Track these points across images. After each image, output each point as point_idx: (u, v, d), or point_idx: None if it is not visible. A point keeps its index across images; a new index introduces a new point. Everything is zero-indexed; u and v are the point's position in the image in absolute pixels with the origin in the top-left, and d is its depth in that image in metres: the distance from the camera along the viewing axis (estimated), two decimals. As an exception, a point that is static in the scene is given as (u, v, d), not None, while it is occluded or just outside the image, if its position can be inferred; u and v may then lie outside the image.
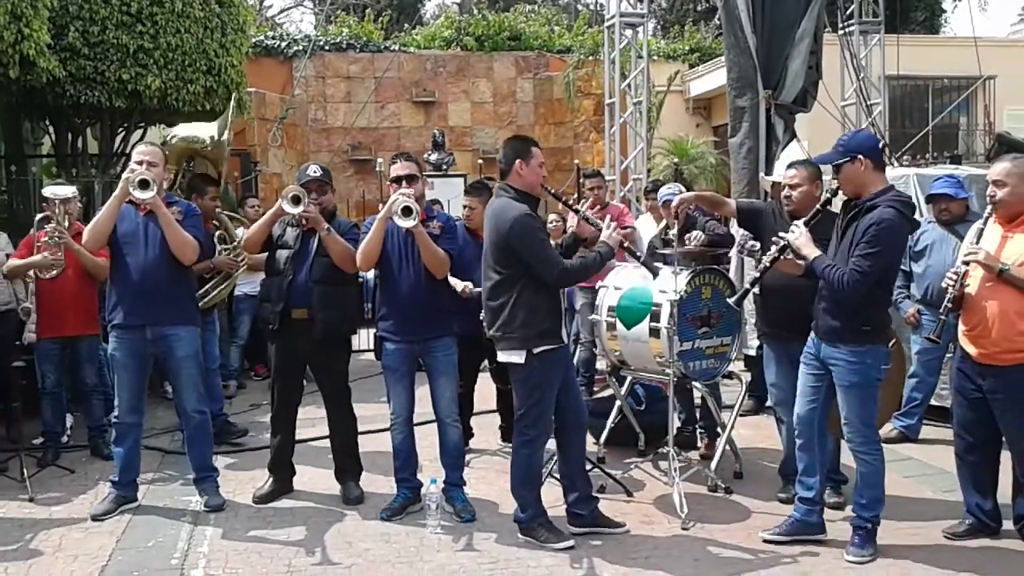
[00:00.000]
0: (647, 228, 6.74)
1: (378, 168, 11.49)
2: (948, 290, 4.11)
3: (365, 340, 5.31)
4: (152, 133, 9.31)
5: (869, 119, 11.27)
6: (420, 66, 15.64)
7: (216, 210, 6.32)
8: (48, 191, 5.73)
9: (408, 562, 4.17)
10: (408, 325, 4.66)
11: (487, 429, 6.16)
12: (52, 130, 9.17)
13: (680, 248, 4.94)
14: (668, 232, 5.64)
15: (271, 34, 15.74)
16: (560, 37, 16.67)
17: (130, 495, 4.92)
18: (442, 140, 13.62)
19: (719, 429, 5.47)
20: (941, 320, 4.17)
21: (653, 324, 4.94)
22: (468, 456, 5.43)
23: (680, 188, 6.02)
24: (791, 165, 4.80)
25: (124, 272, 4.73)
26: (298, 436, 5.25)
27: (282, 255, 4.88)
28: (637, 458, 5.64)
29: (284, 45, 15.12)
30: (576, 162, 8.12)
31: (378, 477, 5.22)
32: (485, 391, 6.06)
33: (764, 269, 4.23)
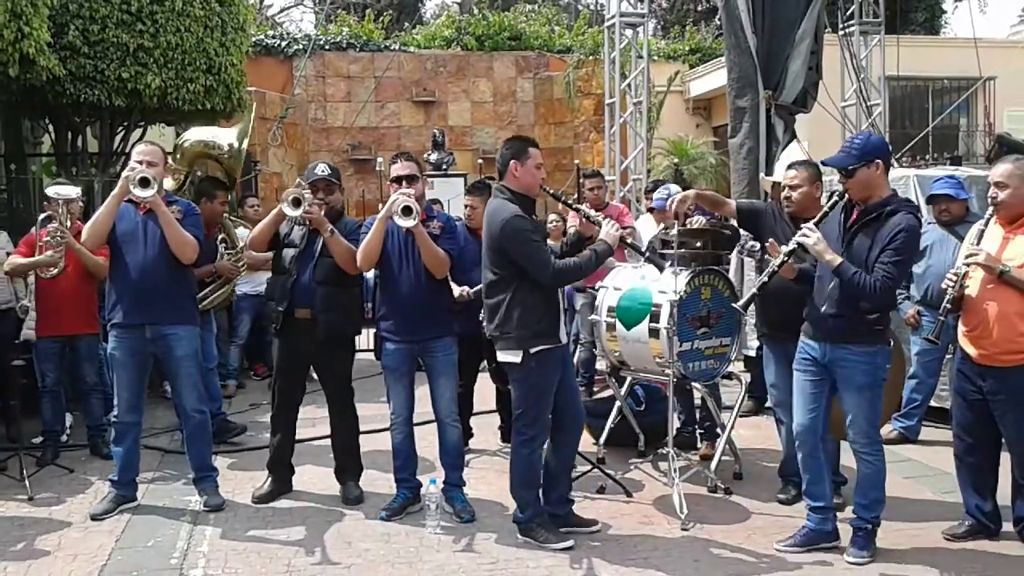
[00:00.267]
0: (647, 228, 6.74)
1: (378, 168, 11.48)
2: (948, 291, 4.11)
3: (365, 340, 5.32)
4: (152, 132, 9.31)
5: (869, 120, 11.28)
6: (420, 66, 15.65)
7: (223, 215, 6.30)
8: (51, 190, 5.72)
9: (408, 562, 4.16)
10: (408, 325, 4.65)
11: (487, 429, 6.16)
12: (52, 129, 9.16)
13: (682, 229, 4.91)
14: (668, 233, 5.64)
15: (271, 33, 15.74)
16: (560, 37, 16.68)
17: (129, 494, 4.91)
18: (442, 140, 13.63)
19: (719, 430, 5.46)
20: (940, 321, 4.17)
21: (653, 325, 4.93)
22: (468, 456, 5.43)
23: (675, 189, 6.01)
24: (791, 166, 4.79)
25: (123, 271, 4.73)
26: (298, 436, 5.25)
27: (288, 254, 4.88)
28: (637, 459, 5.63)
29: (284, 44, 15.13)
30: (576, 162, 8.12)
31: (378, 477, 5.22)
32: (485, 391, 6.06)
33: (772, 273, 4.14)
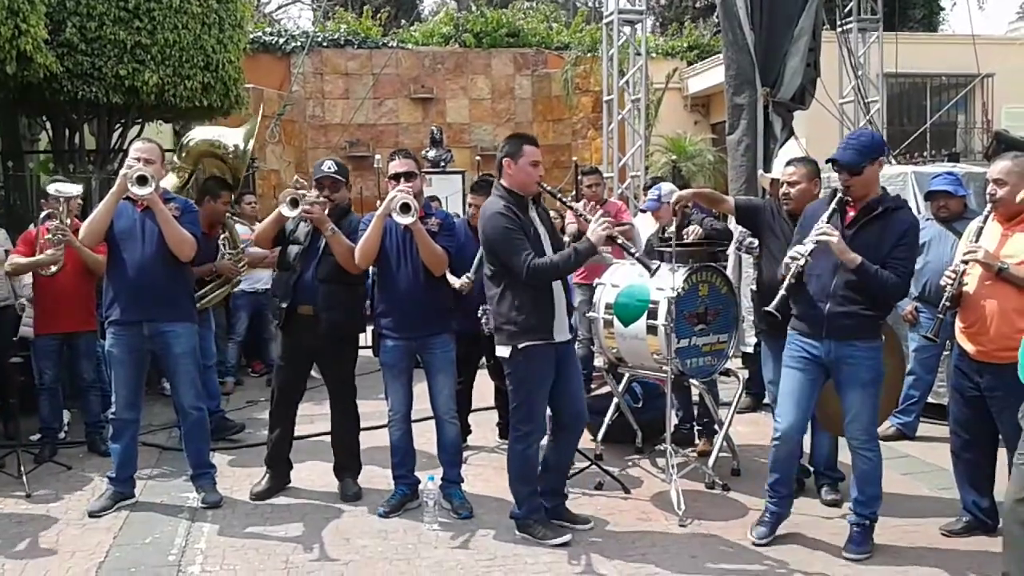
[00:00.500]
0: (646, 225, 6.74)
1: (376, 165, 11.49)
2: (946, 288, 4.10)
3: (363, 337, 5.33)
4: (149, 129, 9.30)
5: (867, 117, 11.28)
6: (418, 63, 15.63)
7: (226, 215, 6.29)
8: (52, 188, 5.71)
9: (406, 559, 4.17)
10: (406, 322, 4.66)
11: (485, 426, 6.17)
12: (49, 126, 9.15)
13: (678, 242, 4.92)
14: (665, 231, 5.65)
15: (269, 30, 15.70)
16: (558, 34, 16.66)
17: (127, 491, 4.92)
18: (440, 137, 13.62)
19: (716, 426, 5.47)
20: (939, 319, 4.17)
21: (650, 321, 4.94)
22: (466, 453, 5.43)
23: (665, 188, 5.99)
24: (790, 163, 4.79)
25: (121, 268, 4.73)
26: (296, 432, 5.24)
27: (292, 251, 4.90)
28: (635, 455, 5.64)
29: (282, 41, 15.10)
30: (574, 159, 8.15)
31: (376, 474, 5.22)
32: (484, 388, 6.07)
33: (799, 273, 4.06)
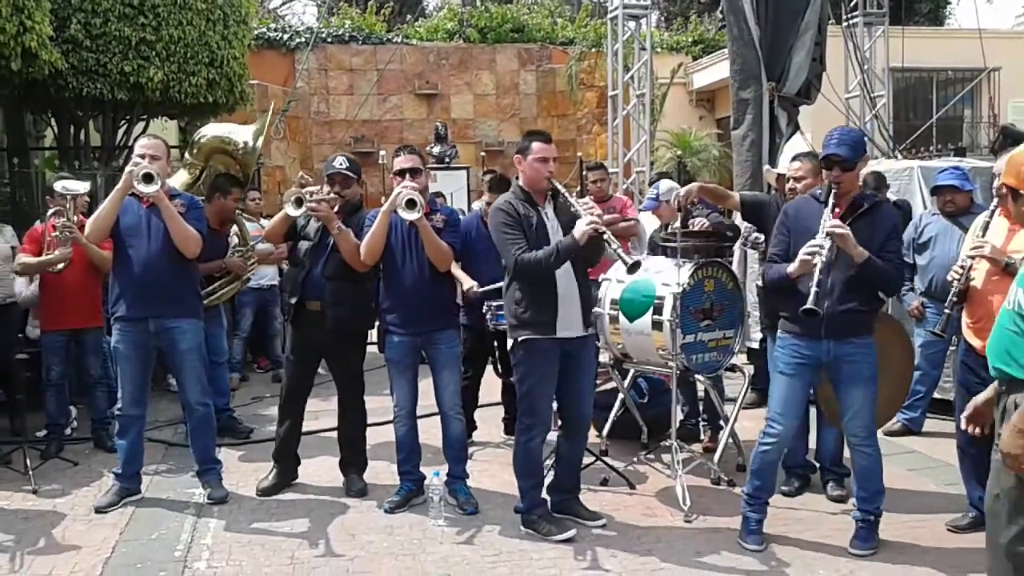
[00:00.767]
0: (650, 221, 6.73)
1: (381, 161, 11.51)
2: (953, 284, 4.09)
3: (370, 333, 5.34)
4: (154, 125, 9.31)
5: (873, 111, 11.25)
6: (423, 58, 15.63)
7: (236, 212, 6.29)
8: (59, 185, 5.71)
9: (411, 554, 4.17)
10: (412, 318, 4.66)
11: (491, 422, 6.17)
12: (54, 123, 9.17)
13: (685, 231, 4.89)
14: (668, 227, 5.63)
15: (273, 26, 15.72)
16: (563, 29, 16.65)
17: (133, 487, 4.93)
18: (445, 132, 13.63)
19: (722, 422, 5.46)
20: (947, 315, 4.15)
21: (656, 317, 4.92)
22: (471, 449, 5.43)
23: (664, 187, 5.98)
24: (796, 158, 4.78)
25: (127, 265, 4.73)
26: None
27: (303, 247, 4.91)
28: (640, 451, 5.64)
29: (286, 37, 15.12)
30: (579, 155, 8.13)
31: (381, 469, 5.22)
32: (492, 383, 6.06)
33: (827, 270, 3.98)
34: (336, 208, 4.74)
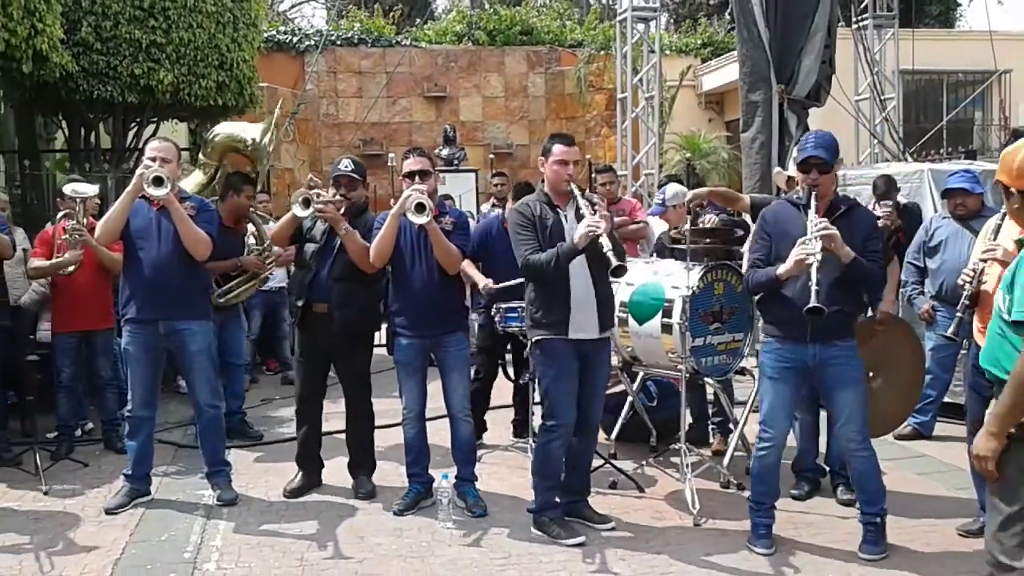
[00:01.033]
0: (658, 224, 6.72)
1: (390, 163, 11.52)
2: (965, 287, 4.07)
3: (377, 335, 5.34)
4: (165, 128, 9.36)
5: (883, 114, 11.22)
6: (431, 61, 15.64)
7: (250, 209, 6.29)
8: (69, 188, 5.73)
9: (420, 556, 4.17)
10: (421, 320, 4.66)
11: (500, 424, 6.17)
12: (65, 125, 9.22)
13: (696, 228, 4.89)
14: (678, 230, 5.63)
15: (283, 29, 15.77)
16: (571, 31, 16.64)
17: (143, 489, 4.94)
18: (453, 135, 13.64)
19: (731, 425, 5.45)
20: (959, 318, 4.13)
21: (665, 320, 4.92)
22: (480, 451, 5.42)
23: (670, 192, 5.98)
24: (805, 160, 4.76)
25: (137, 267, 4.75)
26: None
27: (309, 249, 4.92)
28: (649, 454, 5.62)
29: (296, 40, 15.15)
30: (588, 157, 8.13)
31: (390, 472, 5.23)
32: (501, 386, 6.06)
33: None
34: (342, 210, 4.75)
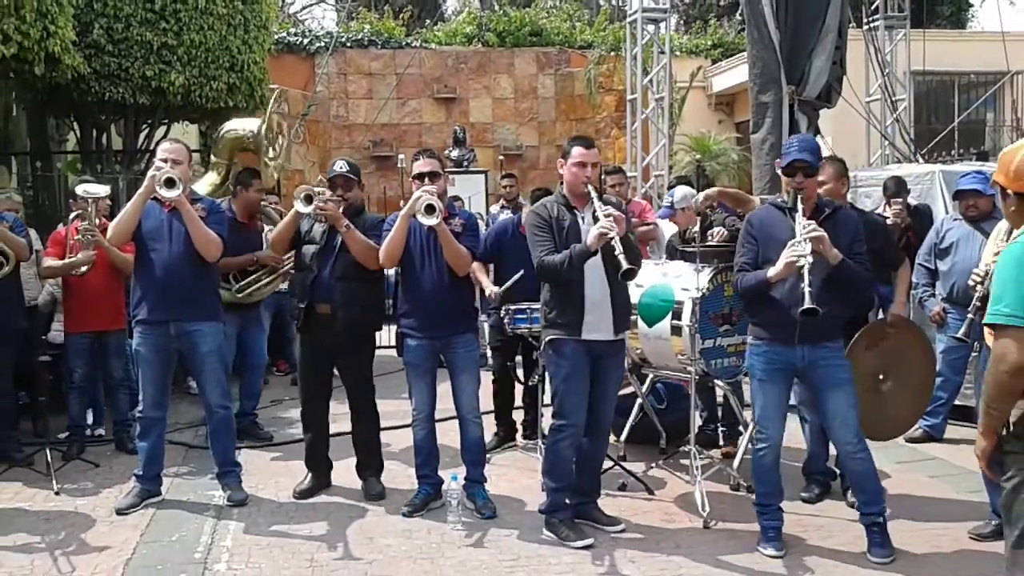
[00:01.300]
0: (668, 226, 6.71)
1: (400, 164, 11.54)
2: (976, 288, 4.06)
3: (386, 336, 5.34)
4: (176, 129, 9.39)
5: (894, 115, 11.18)
6: (441, 62, 15.65)
7: (261, 203, 6.27)
8: (80, 189, 5.76)
9: (429, 558, 4.18)
10: (430, 322, 4.66)
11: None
12: (77, 126, 9.25)
13: (702, 245, 4.89)
14: (687, 233, 5.62)
15: (293, 31, 15.79)
16: (581, 33, 16.62)
17: (154, 489, 4.96)
18: (463, 136, 13.64)
19: (741, 427, 5.44)
20: (970, 319, 4.12)
21: (675, 322, 4.91)
22: (489, 452, 5.42)
23: (678, 195, 5.97)
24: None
25: (148, 268, 4.77)
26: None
27: (308, 251, 4.92)
28: (659, 456, 5.61)
29: (306, 42, 15.17)
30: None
31: (399, 473, 5.24)
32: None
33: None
34: (340, 210, 4.77)
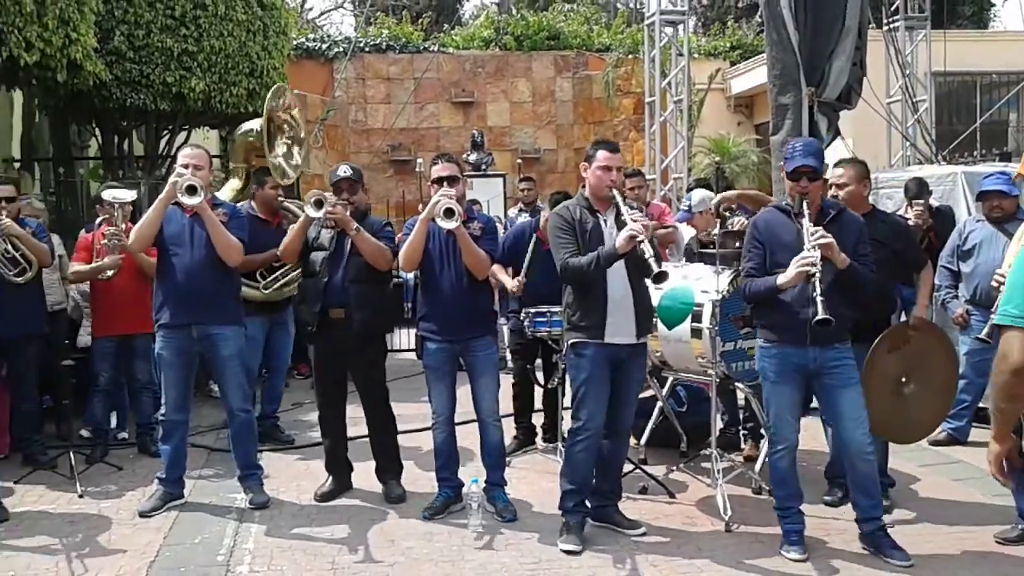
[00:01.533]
0: (687, 228, 6.69)
1: (418, 168, 11.58)
2: (999, 290, 4.02)
3: (406, 340, 5.35)
4: (196, 135, 9.45)
5: (915, 116, 11.09)
6: (459, 67, 15.69)
7: (279, 199, 6.30)
8: (108, 195, 5.82)
9: (450, 561, 4.18)
10: (450, 325, 4.67)
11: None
12: (99, 133, 9.34)
13: (723, 231, 4.87)
14: (708, 234, 5.60)
15: (312, 36, 15.89)
16: (599, 36, 16.62)
17: (177, 492, 4.99)
18: (481, 140, 13.67)
19: (763, 430, 5.40)
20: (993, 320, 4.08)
21: (695, 324, 4.90)
22: (509, 456, 5.42)
23: (696, 198, 5.96)
24: (839, 164, 4.75)
25: (170, 272, 4.81)
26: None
27: (317, 257, 4.92)
28: (679, 459, 5.59)
29: (325, 47, 15.26)
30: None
31: (420, 476, 5.24)
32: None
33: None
34: (348, 213, 4.79)
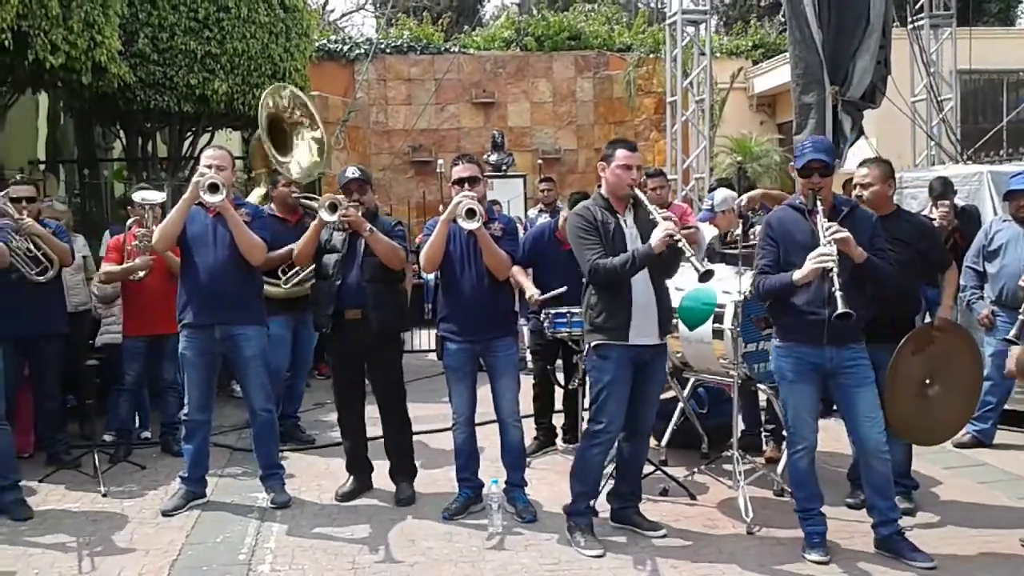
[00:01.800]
0: (709, 229, 6.66)
1: (439, 169, 11.59)
2: (1026, 290, 3.99)
3: (426, 340, 5.36)
4: (219, 136, 9.52)
5: (940, 115, 10.98)
6: (480, 67, 15.68)
7: (293, 195, 6.33)
8: (138, 196, 5.90)
9: (470, 561, 4.18)
10: (470, 326, 4.67)
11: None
12: (123, 134, 9.43)
13: (744, 244, 4.85)
14: (728, 235, 5.58)
15: (334, 38, 15.94)
16: (620, 35, 16.56)
17: (199, 491, 5.02)
18: (502, 141, 13.66)
19: (784, 432, 5.36)
20: (1021, 320, 4.04)
21: (716, 325, 4.87)
22: (529, 457, 5.41)
23: (719, 198, 5.94)
24: (863, 163, 4.71)
25: (194, 273, 4.84)
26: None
27: (330, 259, 4.94)
28: (700, 461, 5.56)
29: (346, 49, 15.30)
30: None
31: (439, 476, 5.25)
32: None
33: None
34: (359, 214, 4.80)
